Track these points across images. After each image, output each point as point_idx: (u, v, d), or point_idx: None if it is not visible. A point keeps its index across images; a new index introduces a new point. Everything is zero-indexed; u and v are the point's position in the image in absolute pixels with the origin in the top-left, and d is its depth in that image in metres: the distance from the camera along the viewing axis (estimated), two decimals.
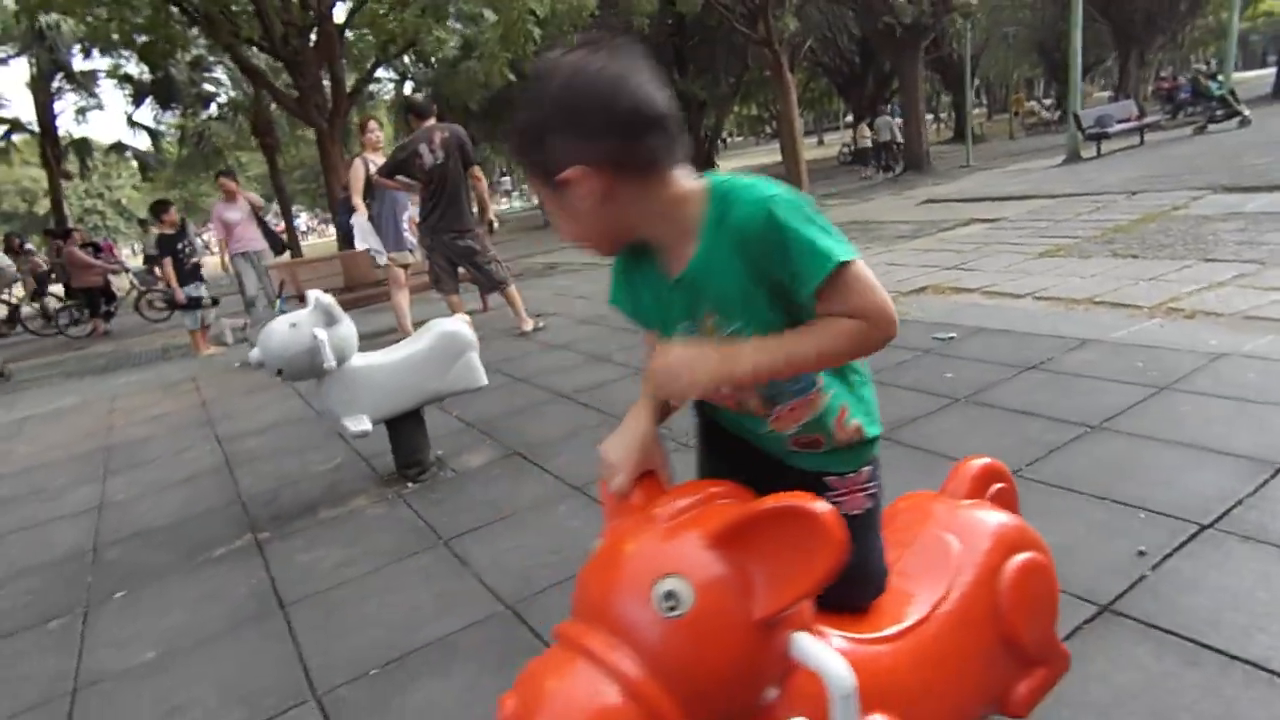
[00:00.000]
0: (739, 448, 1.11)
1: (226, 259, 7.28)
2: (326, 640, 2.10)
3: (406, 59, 14.16)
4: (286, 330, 2.72)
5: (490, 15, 9.67)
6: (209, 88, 15.97)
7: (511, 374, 4.57)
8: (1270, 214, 6.09)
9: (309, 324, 2.73)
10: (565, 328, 5.79)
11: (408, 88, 17.50)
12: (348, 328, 2.84)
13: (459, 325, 3.06)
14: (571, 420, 3.60)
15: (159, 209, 7.22)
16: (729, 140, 34.57)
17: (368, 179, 5.29)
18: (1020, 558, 1.10)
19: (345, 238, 5.42)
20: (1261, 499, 2.04)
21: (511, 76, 10.45)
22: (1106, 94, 30.37)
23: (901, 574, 1.09)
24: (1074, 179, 10.76)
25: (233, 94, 16.48)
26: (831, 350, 0.93)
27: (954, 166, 16.42)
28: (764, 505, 0.79)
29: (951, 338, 3.96)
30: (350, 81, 11.28)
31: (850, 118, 18.31)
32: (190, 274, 7.09)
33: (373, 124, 5.55)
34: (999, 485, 1.29)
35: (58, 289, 12.32)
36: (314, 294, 2.81)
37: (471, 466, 3.19)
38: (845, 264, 0.89)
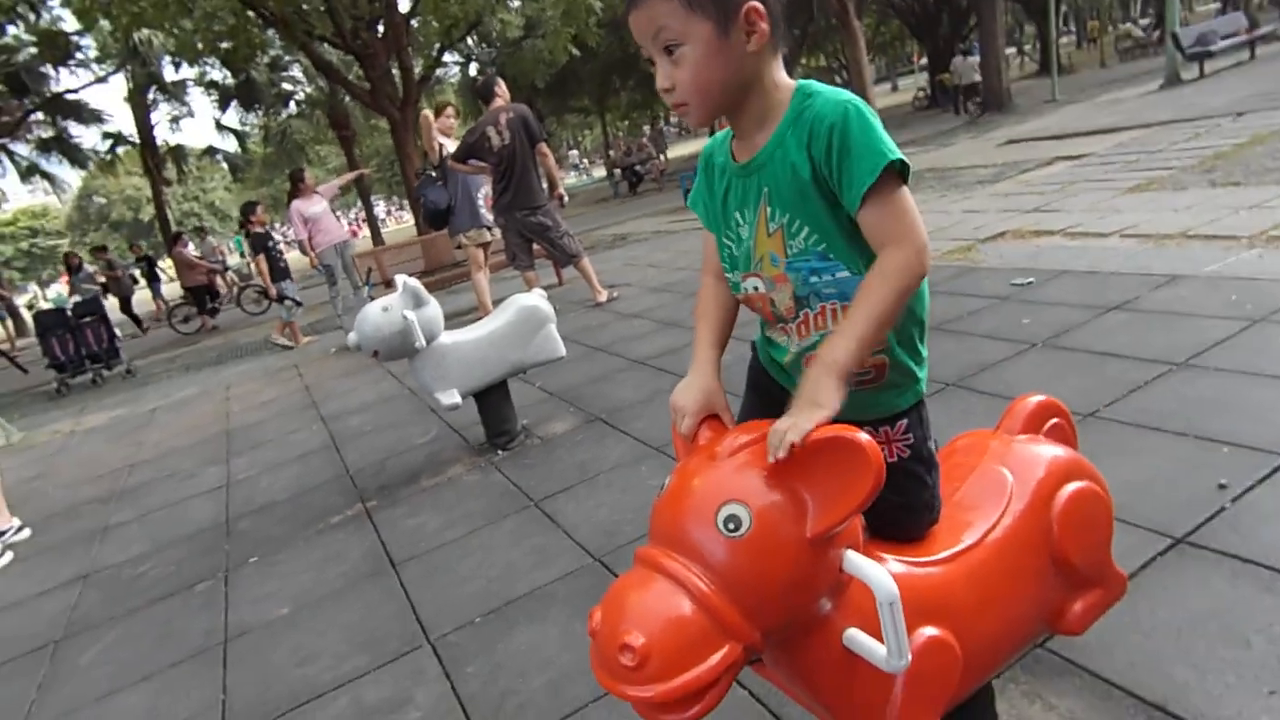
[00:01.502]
0: (781, 397, 1.18)
1: (313, 254, 7.46)
2: (434, 594, 2.31)
3: (470, 41, 14.40)
4: (379, 314, 2.93)
5: None
6: (287, 86, 16.74)
7: (589, 344, 4.73)
8: None
9: (399, 307, 2.93)
10: (638, 296, 5.91)
11: (472, 69, 17.84)
12: (434, 308, 3.03)
13: (537, 299, 3.21)
14: (648, 385, 3.72)
15: (248, 210, 7.71)
16: None
17: (442, 162, 5.51)
18: (1072, 486, 1.16)
19: (429, 215, 5.61)
20: None
21: (575, 51, 10.50)
22: (1214, 6, 27.70)
23: (958, 505, 1.16)
24: (1172, 104, 10.00)
25: (310, 90, 17.22)
26: (891, 301, 0.95)
27: (1039, 102, 15.45)
28: (812, 437, 0.88)
29: (1030, 282, 3.85)
30: (418, 69, 11.59)
31: (925, 60, 17.39)
32: (283, 271, 7.58)
33: (450, 110, 5.75)
34: (1054, 420, 1.33)
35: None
36: (401, 278, 3.01)
37: (557, 433, 3.37)
38: (895, 171, 0.94)
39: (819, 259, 1.04)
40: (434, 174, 5.59)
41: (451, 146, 5.59)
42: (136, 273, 15.04)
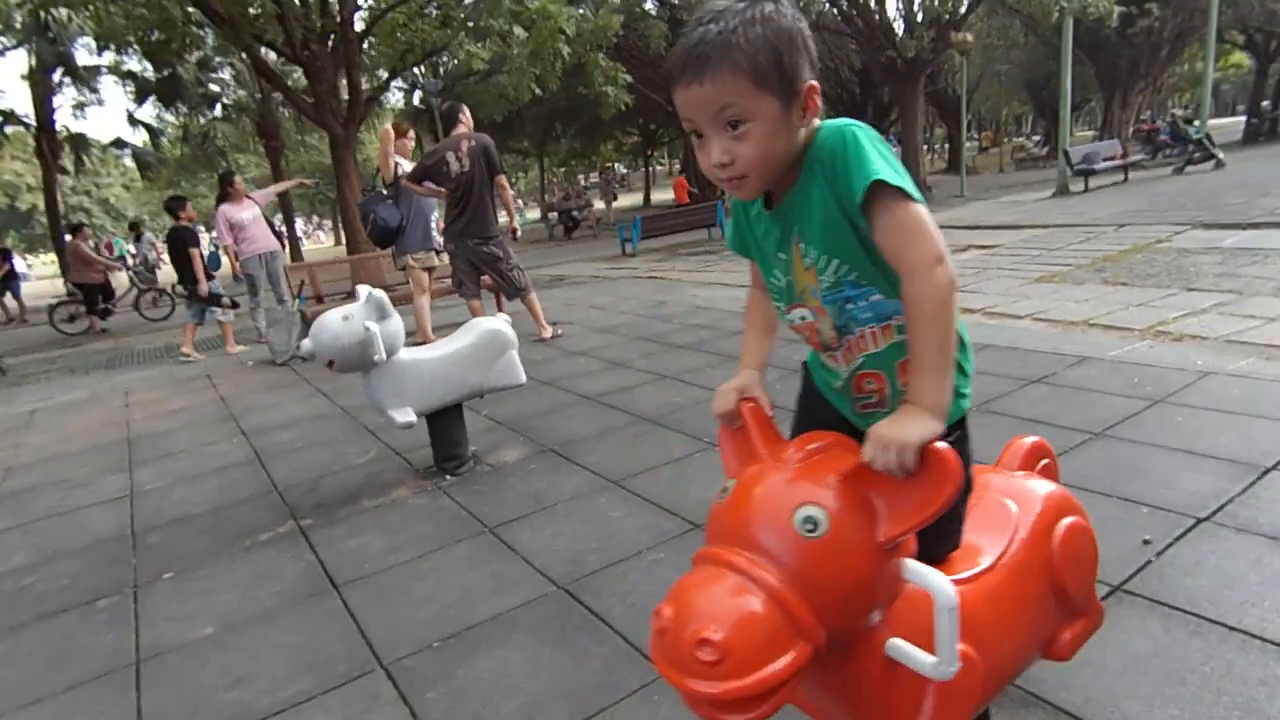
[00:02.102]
0: (832, 419, 1.25)
1: (236, 262, 7.04)
2: (384, 617, 2.19)
3: (417, 70, 14.35)
4: (339, 323, 2.83)
5: (521, 32, 9.87)
6: (215, 88, 15.99)
7: (536, 377, 4.67)
8: (1245, 249, 6.42)
9: (361, 317, 2.85)
10: (582, 336, 5.93)
11: (416, 97, 17.73)
12: (397, 322, 2.96)
13: (502, 324, 3.19)
14: (600, 421, 3.72)
15: (176, 204, 7.24)
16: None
17: (396, 181, 5.42)
18: (1068, 520, 1.27)
19: (376, 233, 5.42)
20: (1251, 497, 2.27)
21: (538, 91, 10.63)
22: (1090, 134, 31.20)
23: (970, 531, 1.24)
24: (1064, 211, 11.09)
25: (240, 95, 16.54)
26: (942, 326, 0.97)
27: (949, 195, 16.80)
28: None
29: None
30: (366, 88, 11.40)
31: None
32: (208, 273, 7.13)
33: (410, 132, 5.68)
34: (1045, 460, 1.47)
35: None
36: (365, 289, 2.93)
37: (508, 462, 3.30)
38: (887, 186, 0.96)
39: (851, 287, 1.08)
40: (385, 192, 5.49)
41: (407, 167, 5.53)
42: None
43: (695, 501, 2.67)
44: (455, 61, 13.08)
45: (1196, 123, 16.08)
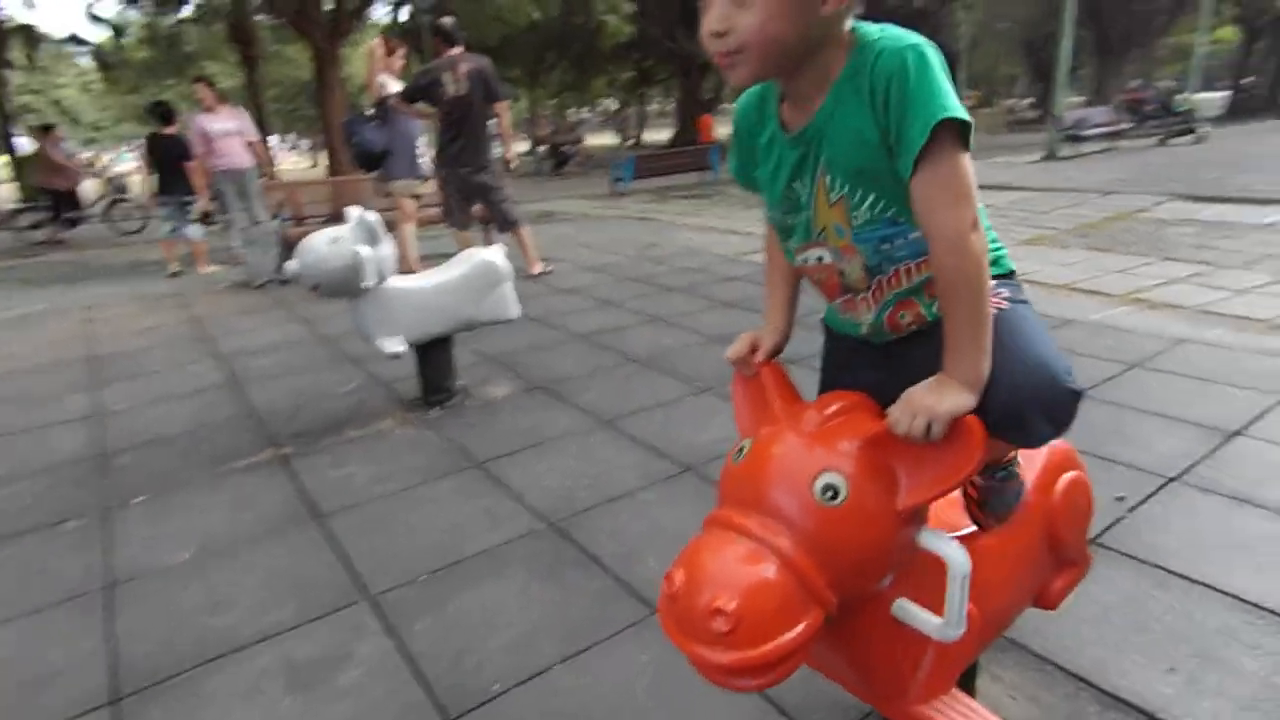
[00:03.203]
0: (853, 380, 1.15)
1: (208, 175, 6.66)
2: (371, 547, 2.14)
3: None
4: (327, 245, 2.69)
5: None
6: None
7: (526, 313, 4.48)
8: (1220, 223, 6.55)
9: (350, 241, 2.71)
10: (572, 274, 5.80)
11: (404, 13, 16.86)
12: (388, 248, 2.82)
13: (497, 255, 3.07)
14: (591, 360, 3.65)
15: (169, 111, 6.82)
16: (724, 108, 34.36)
17: (383, 102, 5.13)
18: (1069, 475, 1.30)
19: (360, 156, 5.13)
20: (1216, 459, 2.38)
21: (535, 15, 10.15)
22: (1080, 99, 31.01)
23: None
24: (1053, 175, 11.04)
25: None
26: (976, 295, 0.90)
27: None
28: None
29: None
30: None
31: None
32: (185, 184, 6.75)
33: (401, 51, 5.34)
34: None
35: None
36: (357, 211, 2.79)
37: (497, 397, 3.23)
38: (953, 124, 0.85)
39: (888, 225, 0.96)
40: (371, 113, 5.20)
41: (395, 88, 5.24)
42: None
43: (686, 444, 2.66)
44: None
45: (1180, 96, 16.05)
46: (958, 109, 0.85)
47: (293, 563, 2.10)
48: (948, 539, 0.94)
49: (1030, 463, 1.26)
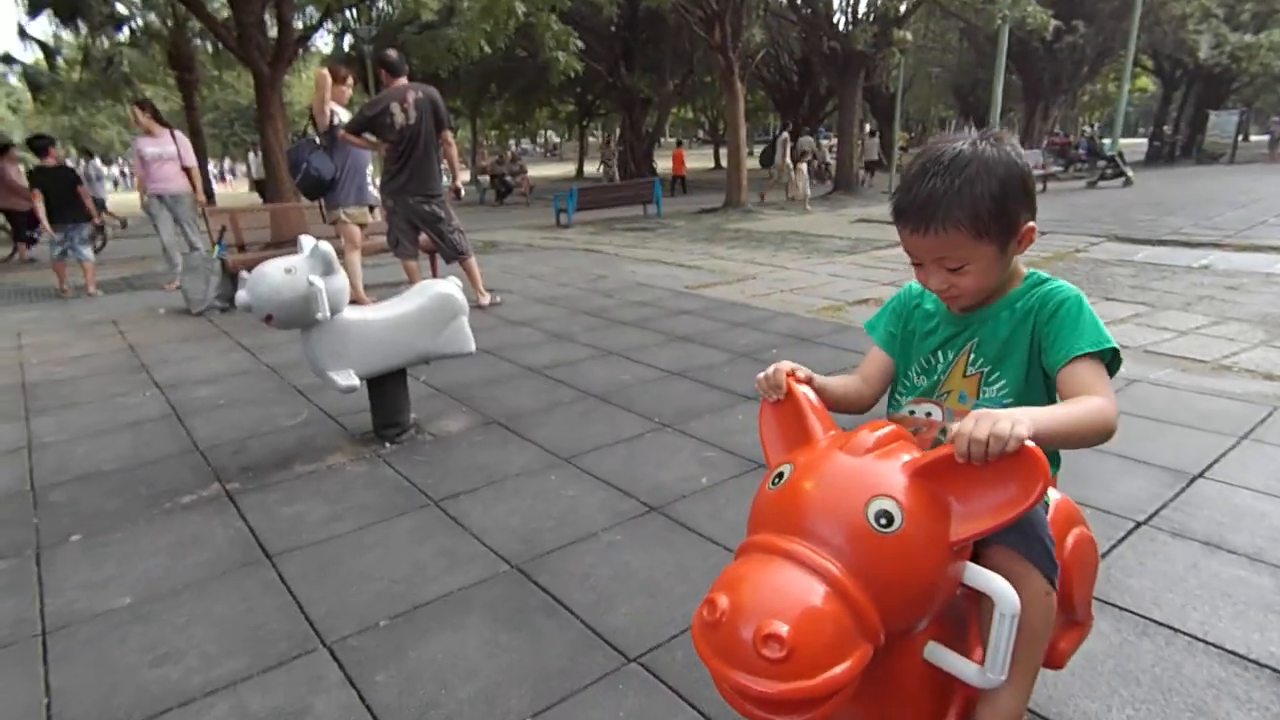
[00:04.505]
0: None
1: (144, 198, 6.73)
2: (326, 591, 2.08)
3: (350, 13, 13.44)
4: (281, 275, 2.64)
5: None
6: (122, 9, 14.50)
7: (477, 346, 4.52)
8: (1155, 264, 6.91)
9: (305, 271, 2.66)
10: (522, 305, 5.78)
11: (347, 42, 16.71)
12: (342, 279, 2.79)
13: (453, 288, 3.05)
14: (546, 395, 3.64)
15: (46, 143, 7.09)
16: (662, 141, 34.84)
17: (331, 130, 5.07)
18: (1077, 530, 1.26)
19: (307, 183, 5.03)
20: (1182, 502, 2.41)
21: (487, 49, 10.17)
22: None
23: None
24: None
25: (150, 19, 15.07)
26: (1089, 422, 1.00)
27: (879, 191, 17.30)
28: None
29: None
30: (298, 27, 10.61)
31: (784, 134, 19.11)
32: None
33: (350, 79, 5.29)
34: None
35: None
36: (310, 240, 2.75)
37: (451, 432, 3.19)
38: (1106, 360, 1.09)
39: (997, 405, 1.16)
40: (318, 140, 5.13)
41: (344, 116, 5.19)
42: None
43: (650, 483, 2.65)
44: (394, 10, 12.36)
45: (1107, 140, 17.13)
46: (1115, 342, 1.10)
47: (243, 608, 2.02)
48: (996, 576, 0.91)
49: None
